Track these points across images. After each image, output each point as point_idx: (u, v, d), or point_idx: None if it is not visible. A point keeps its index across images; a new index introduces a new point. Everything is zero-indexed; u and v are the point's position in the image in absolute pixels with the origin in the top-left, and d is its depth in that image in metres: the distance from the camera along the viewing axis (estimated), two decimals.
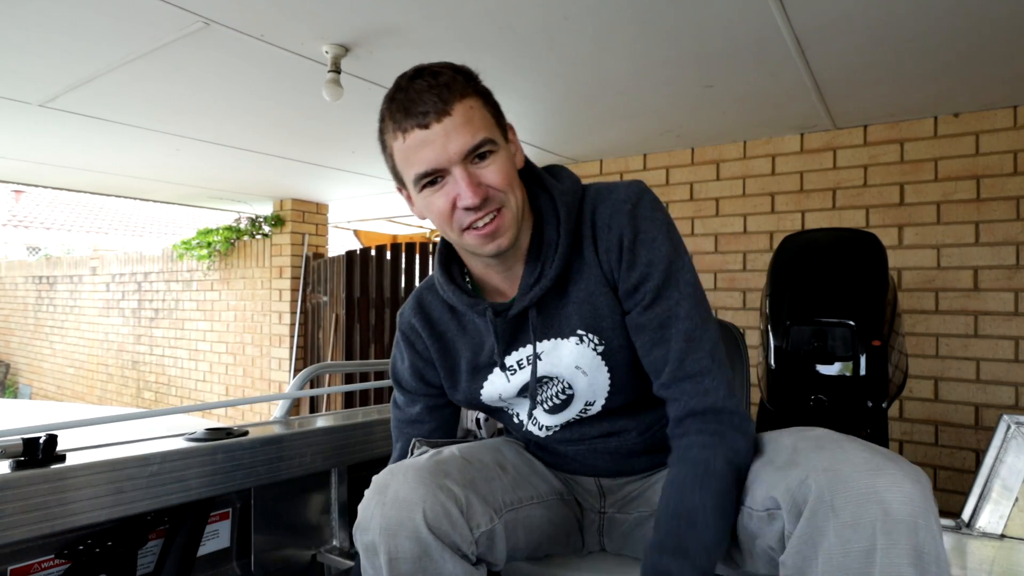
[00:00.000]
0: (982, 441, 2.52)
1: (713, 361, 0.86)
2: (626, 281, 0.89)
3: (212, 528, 1.20)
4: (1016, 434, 0.96)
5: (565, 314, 0.93)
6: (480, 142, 0.82)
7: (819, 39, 1.90)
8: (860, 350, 1.46)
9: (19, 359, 9.01)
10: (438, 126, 0.81)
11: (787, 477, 0.73)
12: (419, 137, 0.82)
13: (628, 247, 0.88)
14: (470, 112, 0.82)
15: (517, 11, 1.72)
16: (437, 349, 1.03)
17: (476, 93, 0.85)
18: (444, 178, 0.84)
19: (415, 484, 0.82)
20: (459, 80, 0.84)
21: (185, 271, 5.97)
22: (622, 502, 1.03)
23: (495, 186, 0.84)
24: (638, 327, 0.89)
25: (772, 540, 0.76)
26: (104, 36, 1.92)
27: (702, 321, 0.87)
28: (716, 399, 0.84)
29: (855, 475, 0.67)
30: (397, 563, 0.80)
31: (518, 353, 0.97)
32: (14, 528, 0.84)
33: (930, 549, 0.64)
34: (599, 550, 1.07)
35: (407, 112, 0.82)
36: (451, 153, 0.81)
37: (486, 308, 0.93)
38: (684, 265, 0.89)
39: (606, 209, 0.90)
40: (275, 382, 5.01)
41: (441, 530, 0.81)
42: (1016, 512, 0.94)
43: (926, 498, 0.66)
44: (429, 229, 7.11)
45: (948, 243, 2.58)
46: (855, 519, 0.65)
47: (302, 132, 3.03)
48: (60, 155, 3.50)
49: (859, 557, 0.64)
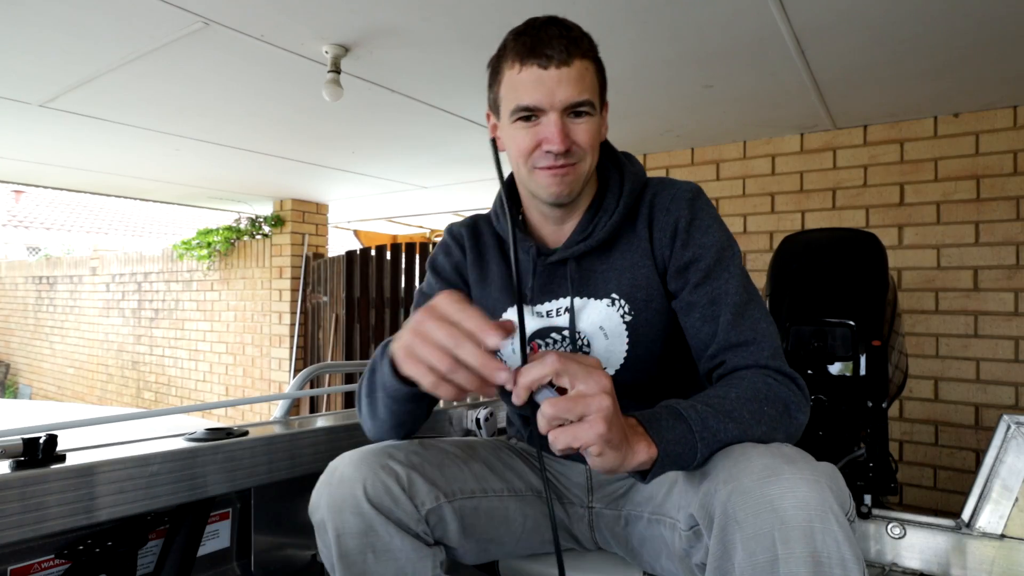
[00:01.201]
0: (982, 441, 2.52)
1: (763, 333, 0.87)
2: (679, 259, 0.93)
3: (212, 528, 1.20)
4: (1016, 434, 0.96)
5: (603, 277, 0.97)
6: (583, 100, 0.87)
7: (819, 39, 1.90)
8: (860, 350, 1.46)
9: (19, 359, 9.01)
10: (555, 71, 0.86)
11: (698, 492, 0.73)
12: (534, 74, 0.87)
13: (684, 228, 0.93)
14: (585, 72, 0.88)
15: (517, 11, 1.72)
16: (474, 258, 1.08)
17: (595, 60, 0.91)
18: (539, 118, 0.88)
19: (358, 463, 0.87)
20: (586, 42, 0.89)
21: (185, 271, 5.97)
22: (610, 497, 1.04)
23: (579, 143, 0.89)
24: (688, 306, 0.92)
25: (702, 556, 0.76)
26: (104, 36, 1.92)
27: (751, 298, 0.90)
28: (762, 359, 0.85)
29: (752, 484, 0.66)
30: (344, 538, 0.84)
31: (549, 304, 1.00)
32: (14, 528, 0.84)
33: (831, 552, 0.62)
34: (594, 548, 1.07)
35: (532, 50, 0.87)
36: (556, 100, 0.86)
37: (531, 246, 1.00)
38: (735, 254, 0.94)
39: (667, 195, 0.96)
40: (275, 382, 5.02)
41: (383, 505, 0.85)
42: (1016, 512, 0.94)
43: (823, 500, 0.63)
44: (429, 230, 7.11)
45: (948, 243, 2.58)
46: (756, 530, 0.64)
47: (302, 132, 3.03)
48: (60, 155, 3.50)
49: (765, 568, 0.63)
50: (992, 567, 0.93)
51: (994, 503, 0.95)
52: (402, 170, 3.92)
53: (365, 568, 0.85)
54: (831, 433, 1.49)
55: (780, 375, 0.84)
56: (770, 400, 0.79)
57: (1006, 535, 0.93)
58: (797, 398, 0.82)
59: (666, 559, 0.91)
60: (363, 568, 0.85)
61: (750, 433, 0.75)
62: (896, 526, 1.00)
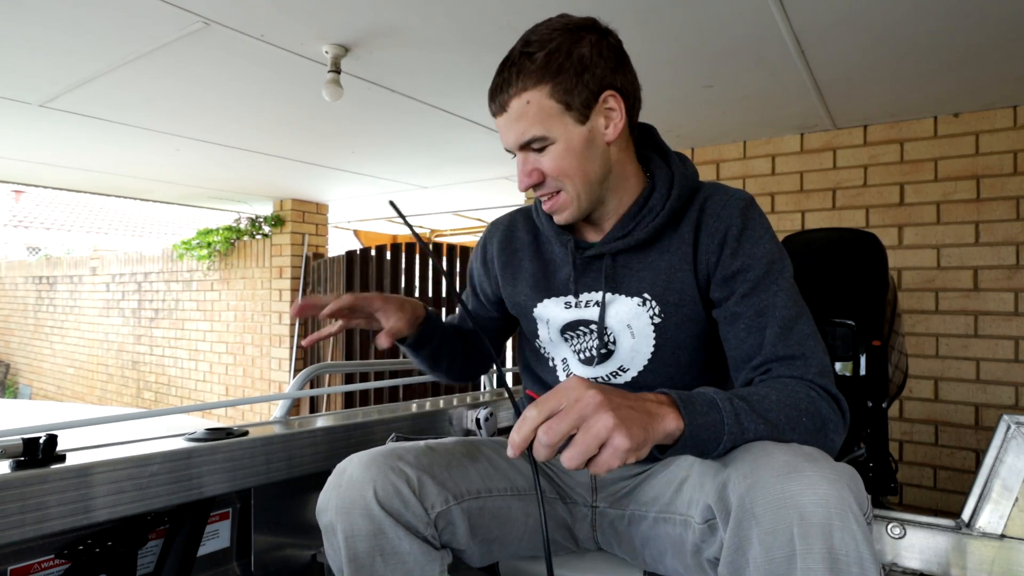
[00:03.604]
0: (982, 441, 2.52)
1: (812, 349, 0.84)
2: (726, 268, 0.90)
3: (212, 528, 1.20)
4: (1016, 434, 0.96)
5: (638, 276, 0.96)
6: (528, 140, 0.88)
7: (819, 39, 1.90)
8: (860, 350, 1.46)
9: (19, 359, 9.01)
10: (501, 120, 0.91)
11: (717, 485, 0.73)
12: (496, 122, 0.93)
13: (734, 237, 0.91)
14: (524, 108, 0.87)
15: (517, 11, 1.72)
16: (505, 260, 1.11)
17: (540, 83, 0.86)
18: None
19: (367, 465, 0.87)
20: (525, 69, 0.86)
21: (185, 271, 5.97)
22: (614, 497, 1.03)
23: (548, 172, 0.90)
24: (733, 316, 0.89)
25: (716, 550, 0.75)
26: (104, 36, 1.92)
27: (801, 313, 0.87)
28: (809, 374, 0.82)
29: (771, 480, 0.66)
30: (353, 540, 0.84)
31: (583, 296, 1.00)
32: (14, 528, 0.84)
33: (849, 551, 0.62)
34: (595, 548, 1.07)
35: (489, 99, 0.92)
36: (508, 143, 0.91)
37: (569, 240, 1.00)
38: (785, 267, 0.91)
39: (719, 201, 0.94)
40: (275, 382, 5.02)
41: (393, 508, 0.84)
42: (1016, 512, 0.94)
43: (842, 498, 0.63)
44: (429, 229, 7.11)
45: (948, 243, 2.58)
46: (774, 525, 0.64)
47: (302, 132, 3.03)
48: (60, 155, 3.50)
49: (782, 564, 0.63)
50: (992, 567, 0.93)
51: (994, 503, 0.95)
52: (402, 170, 3.92)
53: (374, 571, 0.84)
54: None
55: (825, 393, 0.81)
56: (809, 413, 0.77)
57: (1006, 535, 0.93)
58: (836, 418, 0.80)
59: (671, 557, 0.91)
60: (372, 571, 0.84)
61: (781, 438, 0.74)
62: (896, 526, 1.00)
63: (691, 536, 0.82)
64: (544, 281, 1.05)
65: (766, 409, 0.75)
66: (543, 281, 1.05)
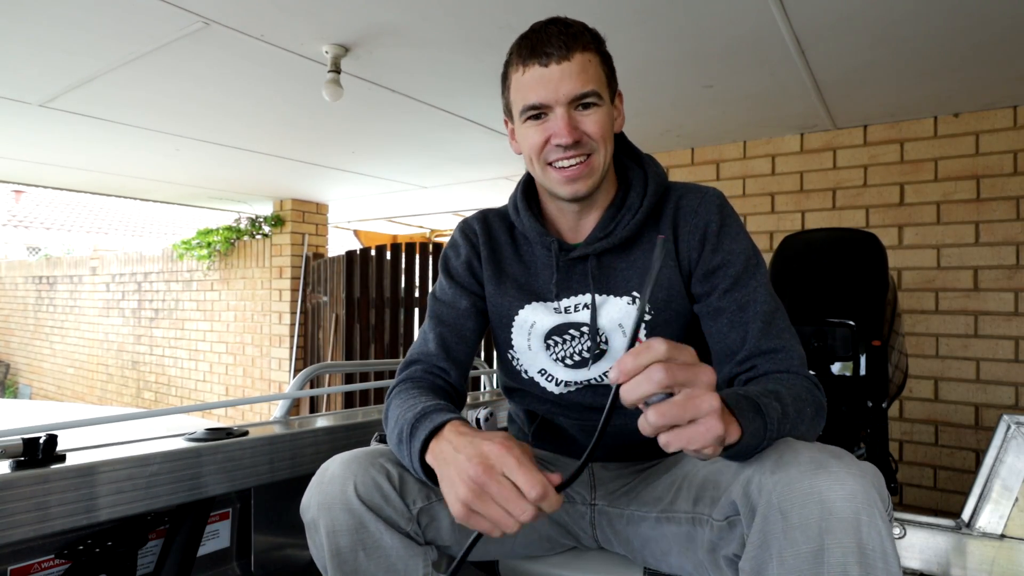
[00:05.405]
0: (982, 441, 2.52)
1: (790, 341, 0.89)
2: (707, 263, 0.94)
3: (212, 528, 1.20)
4: (1016, 434, 0.96)
5: (624, 275, 0.98)
6: (587, 92, 0.89)
7: (819, 39, 1.90)
8: (860, 350, 1.46)
9: (19, 359, 9.01)
10: (556, 67, 0.89)
11: (740, 480, 0.73)
12: (537, 73, 0.90)
13: (714, 232, 0.94)
14: (587, 64, 0.90)
15: (517, 11, 1.72)
16: (488, 254, 1.07)
17: (598, 51, 0.92)
18: (547, 115, 0.91)
19: (348, 462, 0.87)
20: (587, 35, 0.91)
21: (185, 271, 5.97)
22: (613, 495, 1.03)
23: (590, 134, 0.91)
24: (715, 311, 0.93)
25: (735, 547, 0.76)
26: (104, 36, 1.92)
27: (778, 307, 0.92)
28: (793, 366, 0.87)
29: (799, 475, 0.67)
30: (335, 535, 0.84)
31: (568, 300, 1.01)
32: (14, 528, 0.84)
33: (875, 545, 0.63)
34: (595, 547, 1.06)
35: (533, 50, 0.90)
36: (560, 94, 0.89)
37: (552, 242, 1.00)
38: (760, 262, 0.95)
39: (694, 199, 0.97)
40: (275, 382, 5.02)
41: (373, 502, 0.84)
42: (1016, 512, 0.94)
43: (869, 494, 0.65)
44: (429, 229, 7.11)
45: (948, 243, 2.58)
46: (801, 520, 0.65)
47: (302, 132, 3.03)
48: (60, 155, 3.50)
49: (808, 558, 0.64)
50: (992, 567, 0.93)
51: (994, 503, 0.95)
52: (402, 170, 3.93)
53: (356, 566, 0.84)
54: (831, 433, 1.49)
55: (810, 381, 0.86)
56: (810, 403, 0.82)
57: (1006, 535, 0.93)
58: (824, 401, 0.86)
59: (677, 555, 0.91)
60: (354, 566, 0.84)
61: (796, 433, 0.78)
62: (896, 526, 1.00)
63: (707, 534, 0.82)
64: (528, 285, 1.04)
65: (789, 409, 0.78)
66: (527, 285, 1.04)
